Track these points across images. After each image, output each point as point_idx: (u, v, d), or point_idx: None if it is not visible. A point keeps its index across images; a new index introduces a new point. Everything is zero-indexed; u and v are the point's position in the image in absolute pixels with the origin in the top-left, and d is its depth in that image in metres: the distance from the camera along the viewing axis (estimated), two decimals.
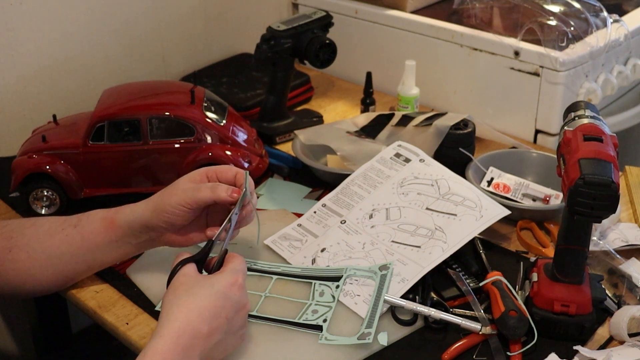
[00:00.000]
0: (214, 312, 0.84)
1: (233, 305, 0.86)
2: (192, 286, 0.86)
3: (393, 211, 1.12)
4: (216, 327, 0.84)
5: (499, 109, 1.49)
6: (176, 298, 0.84)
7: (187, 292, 0.85)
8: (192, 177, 0.98)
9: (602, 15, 1.44)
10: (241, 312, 0.88)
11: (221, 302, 0.85)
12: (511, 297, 0.97)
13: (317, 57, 1.40)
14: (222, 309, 0.85)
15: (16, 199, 1.25)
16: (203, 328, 0.82)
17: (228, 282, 0.86)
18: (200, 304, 0.83)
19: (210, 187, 0.95)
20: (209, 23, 1.69)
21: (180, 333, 0.80)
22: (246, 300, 0.89)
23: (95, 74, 1.51)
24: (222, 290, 0.85)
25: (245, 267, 0.92)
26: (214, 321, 0.84)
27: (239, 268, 0.89)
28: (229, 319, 0.86)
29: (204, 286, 0.86)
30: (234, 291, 0.86)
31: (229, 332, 0.86)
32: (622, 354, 0.90)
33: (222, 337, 0.85)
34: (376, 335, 0.94)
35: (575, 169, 0.87)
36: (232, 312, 0.86)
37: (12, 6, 1.36)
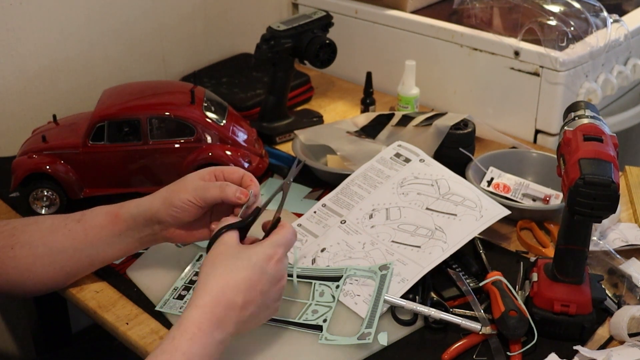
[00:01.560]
0: (249, 285, 0.84)
1: (269, 279, 0.86)
2: (230, 257, 0.86)
3: (393, 211, 1.12)
4: (251, 300, 0.85)
5: (499, 109, 1.49)
6: (213, 268, 0.85)
7: (223, 263, 0.85)
8: (201, 175, 0.98)
9: (602, 15, 1.44)
10: (277, 285, 0.88)
11: (257, 276, 0.85)
12: (511, 297, 0.97)
13: (317, 57, 1.40)
14: (257, 283, 0.85)
15: (16, 199, 1.25)
16: (238, 300, 0.83)
17: (266, 256, 0.86)
18: (236, 276, 0.84)
19: (219, 186, 0.95)
20: (209, 23, 1.69)
21: (215, 303, 0.82)
22: (282, 274, 0.89)
23: (95, 74, 1.51)
24: (259, 264, 0.86)
25: (291, 239, 0.91)
26: (248, 294, 0.84)
27: (281, 242, 0.89)
28: (264, 292, 0.86)
29: (241, 258, 0.86)
30: (271, 265, 0.86)
31: (263, 305, 0.87)
32: (622, 354, 0.90)
33: (256, 309, 0.86)
34: (376, 335, 0.94)
35: (575, 169, 0.87)
36: (268, 286, 0.86)
37: (12, 6, 1.36)
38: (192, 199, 0.95)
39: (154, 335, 0.97)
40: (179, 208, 0.95)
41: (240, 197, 0.94)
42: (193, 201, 0.95)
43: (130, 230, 0.99)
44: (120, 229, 0.99)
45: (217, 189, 0.95)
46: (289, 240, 0.90)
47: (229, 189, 0.94)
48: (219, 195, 0.94)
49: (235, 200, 0.94)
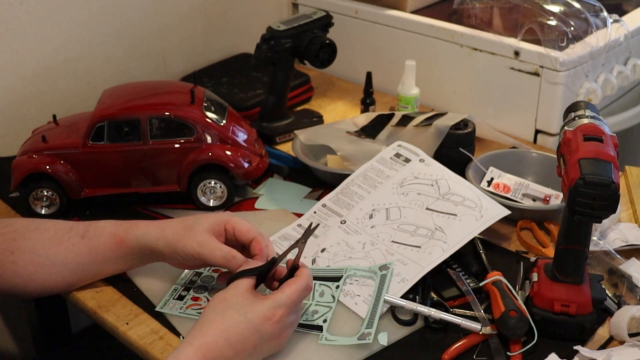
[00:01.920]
0: (241, 340, 0.85)
1: (262, 337, 0.86)
2: (231, 307, 0.86)
3: (393, 211, 1.12)
4: (241, 351, 0.85)
5: (499, 109, 1.49)
6: (213, 313, 0.87)
7: (223, 312, 0.86)
8: (212, 226, 0.95)
9: (602, 15, 1.44)
10: (272, 342, 0.88)
11: (249, 333, 0.85)
12: (511, 297, 0.97)
13: (317, 57, 1.40)
14: (249, 339, 0.86)
15: (16, 199, 1.25)
16: (228, 352, 0.84)
17: (263, 316, 0.86)
18: (229, 328, 0.85)
19: (224, 257, 0.93)
20: (209, 23, 1.69)
21: (208, 347, 0.84)
22: (280, 332, 0.88)
23: (95, 74, 1.51)
24: (254, 322, 0.86)
25: (301, 296, 0.89)
26: (239, 346, 0.85)
27: (283, 302, 0.87)
28: (256, 347, 0.87)
29: (238, 311, 0.86)
30: (266, 326, 0.86)
31: (255, 355, 0.88)
32: (622, 354, 0.90)
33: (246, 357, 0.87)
34: (376, 335, 0.94)
35: (575, 169, 0.87)
36: (260, 343, 0.87)
37: (12, 6, 1.36)
38: (195, 255, 0.94)
39: (154, 335, 0.97)
40: (181, 257, 0.96)
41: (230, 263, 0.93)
42: (196, 257, 0.95)
43: (134, 256, 1.00)
44: (125, 253, 1.00)
45: (222, 257, 0.93)
46: (294, 300, 0.88)
47: (235, 262, 0.93)
48: (222, 264, 0.94)
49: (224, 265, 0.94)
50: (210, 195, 1.23)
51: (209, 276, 1.06)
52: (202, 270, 1.07)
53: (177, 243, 0.95)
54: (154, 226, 0.99)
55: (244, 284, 0.89)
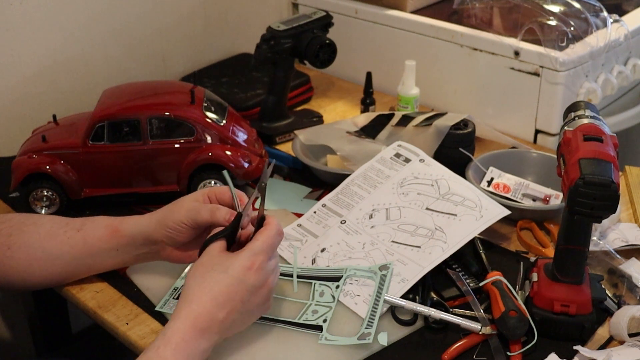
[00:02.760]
0: (227, 297, 0.86)
1: (248, 289, 0.87)
2: (210, 269, 0.87)
3: (393, 211, 1.12)
4: (231, 310, 0.86)
5: (499, 109, 1.49)
6: (194, 280, 0.87)
7: (203, 276, 0.87)
8: (195, 197, 0.98)
9: (602, 15, 1.44)
10: (259, 292, 0.88)
11: (234, 287, 0.86)
12: (511, 297, 0.97)
13: (317, 57, 1.40)
14: (235, 294, 0.86)
15: (16, 199, 1.25)
16: (217, 312, 0.85)
17: (242, 266, 0.87)
18: (213, 289, 0.85)
19: (210, 210, 0.95)
20: (209, 23, 1.69)
21: (196, 315, 0.84)
22: (265, 278, 0.88)
23: (95, 74, 1.51)
24: (236, 275, 0.86)
25: (273, 241, 0.90)
26: (228, 305, 0.86)
27: (259, 249, 0.88)
28: (245, 301, 0.87)
29: (219, 270, 0.86)
30: (249, 275, 0.87)
31: (246, 312, 0.88)
32: (622, 354, 0.90)
33: (239, 316, 0.87)
34: (376, 335, 0.94)
35: (575, 169, 0.87)
36: (247, 295, 0.87)
37: (12, 6, 1.36)
38: (185, 220, 0.96)
39: (154, 335, 0.97)
40: (172, 229, 0.96)
41: (230, 221, 0.94)
42: (186, 223, 0.96)
43: (128, 247, 1.00)
44: (119, 244, 1.00)
45: (208, 212, 0.95)
46: (270, 245, 0.90)
47: (220, 212, 0.94)
48: (210, 218, 0.95)
49: (226, 223, 0.94)
50: None
51: None
52: None
53: (167, 217, 0.97)
54: (145, 215, 1.01)
55: (216, 247, 0.89)
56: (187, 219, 0.96)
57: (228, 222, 0.94)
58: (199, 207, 0.96)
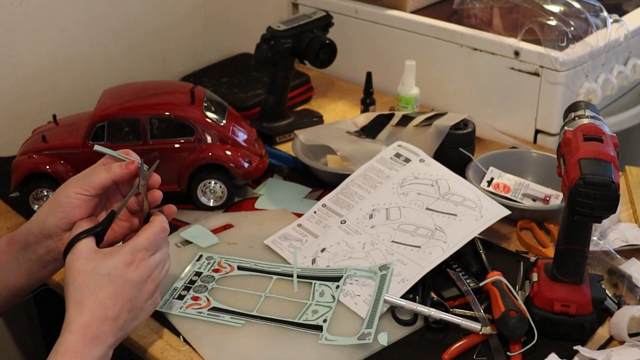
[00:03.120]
0: (115, 298, 0.83)
1: (133, 285, 0.85)
2: (89, 273, 0.83)
3: (393, 211, 1.12)
4: (121, 309, 0.84)
5: (499, 109, 1.49)
6: (77, 291, 0.83)
7: (86, 284, 0.83)
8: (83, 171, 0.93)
9: (602, 15, 1.44)
10: (145, 286, 0.86)
11: (120, 287, 0.84)
12: (511, 297, 0.97)
13: (317, 57, 1.40)
14: (122, 292, 0.84)
15: (16, 199, 1.25)
16: (108, 314, 0.83)
17: (123, 263, 0.84)
18: (99, 293, 0.82)
19: (105, 168, 0.90)
20: (209, 23, 1.69)
21: (86, 325, 0.81)
22: (149, 272, 0.86)
23: (95, 74, 1.51)
24: (118, 274, 0.84)
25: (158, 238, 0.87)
26: (117, 305, 0.83)
27: (140, 245, 0.86)
28: (132, 298, 0.85)
29: (99, 273, 0.83)
30: (130, 272, 0.84)
31: (137, 308, 0.86)
32: (622, 354, 0.90)
33: (130, 314, 0.85)
34: (376, 335, 0.94)
35: (575, 169, 0.87)
36: (134, 292, 0.85)
37: (12, 6, 1.36)
38: (78, 190, 0.89)
39: (154, 335, 0.97)
40: (66, 205, 0.89)
41: (129, 168, 0.90)
42: (80, 192, 0.89)
43: (25, 252, 0.93)
44: (17, 251, 0.93)
45: (102, 170, 0.90)
46: (152, 241, 0.87)
47: (114, 165, 0.90)
48: (107, 175, 0.90)
49: (125, 171, 0.90)
50: (210, 195, 1.23)
51: (209, 276, 1.06)
52: (202, 270, 1.07)
53: (57, 196, 0.90)
54: None
55: (85, 246, 0.85)
56: (81, 188, 0.89)
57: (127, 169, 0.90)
58: (91, 171, 0.91)
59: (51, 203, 0.91)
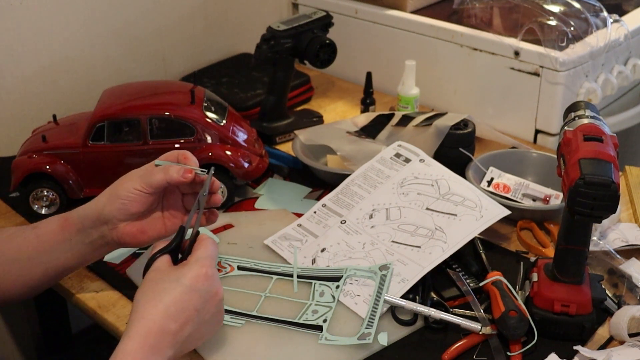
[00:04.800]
0: (181, 307, 0.82)
1: (201, 296, 0.84)
2: (158, 282, 0.84)
3: (393, 211, 1.12)
4: (185, 321, 0.82)
5: (499, 109, 1.49)
6: (143, 296, 0.83)
7: (152, 289, 0.83)
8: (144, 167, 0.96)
9: (602, 15, 1.44)
10: (212, 300, 0.86)
11: (187, 296, 0.83)
12: (511, 297, 0.97)
13: (317, 57, 1.40)
14: (189, 302, 0.83)
15: (16, 199, 1.25)
16: (170, 325, 0.81)
17: (194, 275, 0.84)
18: (165, 300, 0.82)
19: (163, 169, 0.93)
20: (209, 23, 1.69)
21: (147, 332, 0.80)
22: (217, 287, 0.86)
23: (95, 74, 1.51)
24: (188, 284, 0.83)
25: (214, 251, 0.88)
26: (181, 315, 0.82)
27: (205, 255, 0.86)
28: (199, 310, 0.84)
29: (169, 281, 0.83)
30: (200, 283, 0.84)
31: (201, 322, 0.85)
32: (622, 354, 0.90)
33: (193, 328, 0.84)
34: (376, 335, 0.94)
35: (575, 169, 0.87)
36: (201, 303, 0.84)
37: (12, 6, 1.36)
38: (137, 186, 0.92)
39: None
40: (125, 198, 0.93)
41: (185, 176, 0.92)
42: (139, 188, 0.92)
43: (79, 234, 0.96)
44: (70, 233, 0.96)
45: (160, 172, 0.92)
46: (212, 253, 0.88)
47: (173, 169, 0.92)
48: (164, 177, 0.92)
49: (181, 178, 0.91)
50: None
51: None
52: None
53: (118, 188, 0.94)
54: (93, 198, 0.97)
55: (162, 262, 0.87)
56: (140, 184, 0.92)
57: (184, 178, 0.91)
58: (151, 169, 0.93)
59: (111, 194, 0.94)
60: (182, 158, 0.95)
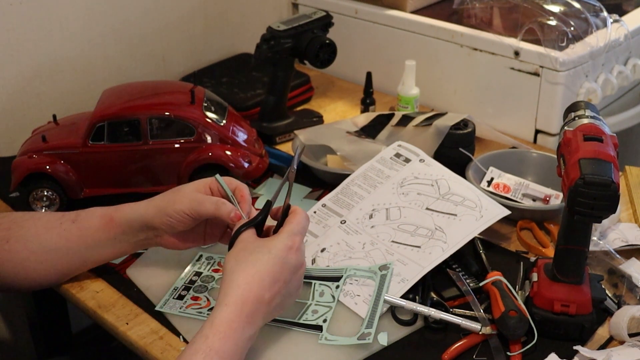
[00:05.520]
0: (274, 278, 0.86)
1: (290, 268, 0.88)
2: (252, 252, 0.87)
3: (393, 211, 1.12)
4: (276, 292, 0.86)
5: (499, 109, 1.49)
6: (237, 264, 0.86)
7: (246, 259, 0.87)
8: (197, 187, 0.98)
9: (602, 15, 1.44)
10: (298, 272, 0.89)
11: (279, 267, 0.86)
12: (511, 297, 0.97)
13: (317, 57, 1.40)
14: (280, 274, 0.87)
15: (16, 199, 1.25)
16: (265, 294, 0.85)
17: (285, 246, 0.88)
18: (260, 270, 0.85)
19: (215, 203, 0.95)
20: (209, 23, 1.69)
21: (244, 299, 0.83)
22: (302, 260, 0.90)
23: (95, 74, 1.51)
24: (280, 255, 0.87)
25: (305, 224, 0.92)
26: (274, 286, 0.86)
27: (296, 229, 0.90)
28: (287, 282, 0.88)
29: (262, 252, 0.87)
30: (291, 255, 0.88)
31: (287, 294, 0.89)
32: (622, 354, 0.90)
33: (281, 299, 0.88)
34: (376, 335, 0.94)
35: (575, 169, 0.87)
36: (290, 275, 0.88)
37: (12, 6, 1.36)
38: (187, 211, 0.96)
39: (154, 335, 0.97)
40: (173, 218, 0.96)
41: (233, 220, 0.94)
42: (188, 213, 0.96)
43: (124, 235, 1.00)
44: (116, 233, 1.00)
45: (212, 205, 0.95)
46: (303, 226, 0.92)
47: (225, 208, 0.95)
48: (213, 212, 0.95)
49: (229, 220, 0.94)
50: None
51: (209, 276, 1.06)
52: (202, 270, 1.07)
53: (168, 204, 0.97)
54: (142, 202, 1.00)
55: (249, 234, 0.90)
56: (189, 210, 0.95)
57: (231, 221, 0.94)
58: (203, 199, 0.96)
59: (160, 208, 0.97)
60: (239, 195, 0.97)
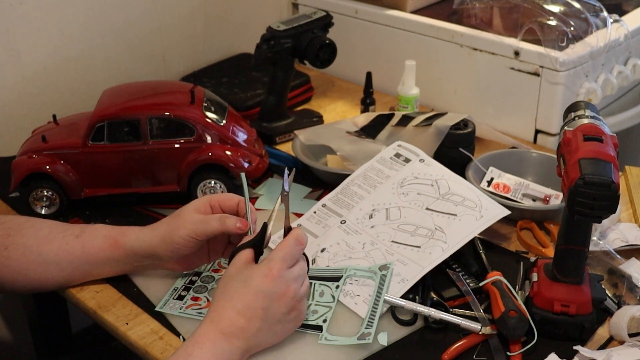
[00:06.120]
0: (246, 304, 0.87)
1: (267, 296, 0.88)
2: (231, 279, 0.89)
3: (393, 211, 1.12)
4: (252, 317, 0.87)
5: (499, 109, 1.49)
6: (220, 289, 0.90)
7: (225, 286, 0.89)
8: (197, 207, 0.98)
9: (602, 15, 1.44)
10: (280, 300, 0.89)
11: (252, 296, 0.88)
12: (511, 297, 0.97)
13: (317, 57, 1.40)
14: (255, 302, 0.87)
15: (16, 199, 1.25)
16: (238, 319, 0.87)
17: (260, 275, 0.88)
18: (232, 297, 0.88)
19: (219, 219, 0.96)
20: (209, 23, 1.69)
21: (219, 319, 0.87)
22: (284, 288, 0.89)
23: (95, 74, 1.51)
24: (254, 285, 0.88)
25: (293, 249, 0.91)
26: (247, 312, 0.87)
27: (278, 256, 0.89)
28: (265, 308, 0.88)
29: (238, 280, 0.89)
30: (266, 283, 0.88)
31: (272, 321, 0.89)
32: (622, 354, 0.90)
33: (264, 325, 0.88)
34: (376, 335, 0.94)
35: (575, 169, 0.87)
36: (267, 303, 0.88)
37: (12, 6, 1.36)
38: (192, 234, 0.96)
39: (154, 335, 0.97)
40: (178, 244, 0.97)
41: (241, 228, 0.95)
42: (194, 236, 0.96)
43: (128, 259, 1.01)
44: (119, 256, 1.01)
45: (217, 222, 0.95)
46: (289, 251, 0.90)
47: (229, 221, 0.95)
48: (220, 228, 0.95)
49: (237, 231, 0.95)
50: None
51: (209, 276, 1.06)
52: (202, 270, 1.07)
53: (171, 232, 0.97)
54: (146, 229, 1.01)
55: (242, 257, 0.91)
56: (194, 233, 0.96)
57: (239, 230, 0.95)
58: (206, 218, 0.96)
59: (165, 237, 0.98)
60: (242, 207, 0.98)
